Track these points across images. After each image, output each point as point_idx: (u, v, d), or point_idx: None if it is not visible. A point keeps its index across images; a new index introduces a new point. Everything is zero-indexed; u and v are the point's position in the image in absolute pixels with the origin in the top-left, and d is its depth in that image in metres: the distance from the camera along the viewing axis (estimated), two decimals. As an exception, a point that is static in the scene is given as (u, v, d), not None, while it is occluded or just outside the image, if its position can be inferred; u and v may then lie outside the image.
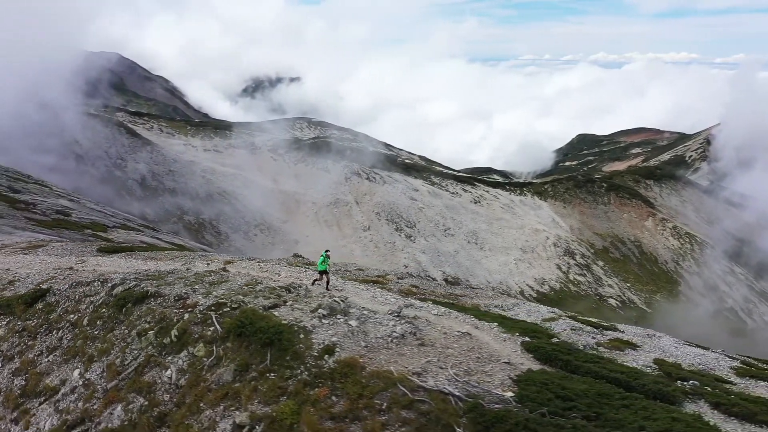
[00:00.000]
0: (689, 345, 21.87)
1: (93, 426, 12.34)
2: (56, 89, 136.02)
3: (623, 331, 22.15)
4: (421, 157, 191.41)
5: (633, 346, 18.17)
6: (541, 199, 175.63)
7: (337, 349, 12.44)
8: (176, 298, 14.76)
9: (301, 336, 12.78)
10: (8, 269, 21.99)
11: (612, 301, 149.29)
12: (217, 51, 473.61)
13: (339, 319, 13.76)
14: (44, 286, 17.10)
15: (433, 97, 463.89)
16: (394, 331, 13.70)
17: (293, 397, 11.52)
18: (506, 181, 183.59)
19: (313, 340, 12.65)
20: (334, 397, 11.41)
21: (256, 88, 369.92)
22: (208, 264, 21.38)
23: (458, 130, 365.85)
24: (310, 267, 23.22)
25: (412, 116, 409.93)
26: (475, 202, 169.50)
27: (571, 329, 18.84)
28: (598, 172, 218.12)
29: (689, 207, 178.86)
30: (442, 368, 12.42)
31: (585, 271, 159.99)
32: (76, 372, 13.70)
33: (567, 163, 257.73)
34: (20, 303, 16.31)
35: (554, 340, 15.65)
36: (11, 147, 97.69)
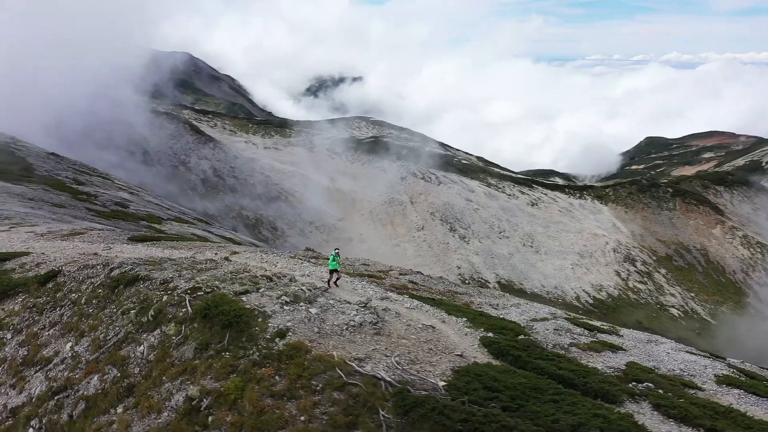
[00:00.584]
0: (690, 353, 21.52)
1: (73, 393, 13.74)
2: (126, 88, 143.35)
3: (621, 335, 22.01)
4: (479, 158, 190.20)
5: (615, 348, 18.16)
6: (601, 202, 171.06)
7: (290, 334, 13.34)
8: (161, 282, 16.06)
9: (260, 320, 13.76)
10: (43, 253, 24.11)
11: (674, 311, 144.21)
12: (282, 51, 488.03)
13: (301, 306, 14.65)
14: (58, 268, 18.83)
15: (496, 98, 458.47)
16: (353, 320, 14.47)
17: (241, 375, 12.50)
18: (565, 184, 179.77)
19: (269, 324, 13.60)
20: (277, 377, 12.32)
21: (319, 87, 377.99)
22: (215, 253, 22.78)
23: (520, 132, 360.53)
24: (312, 260, 24.22)
25: (474, 117, 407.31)
26: (532, 205, 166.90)
27: (555, 329, 18.99)
28: (666, 176, 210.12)
29: (762, 215, 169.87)
30: (386, 356, 13.10)
31: (646, 279, 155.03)
32: (68, 345, 15.20)
33: (634, 167, 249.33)
34: (34, 282, 18.11)
35: (521, 337, 15.96)
36: (82, 143, 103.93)
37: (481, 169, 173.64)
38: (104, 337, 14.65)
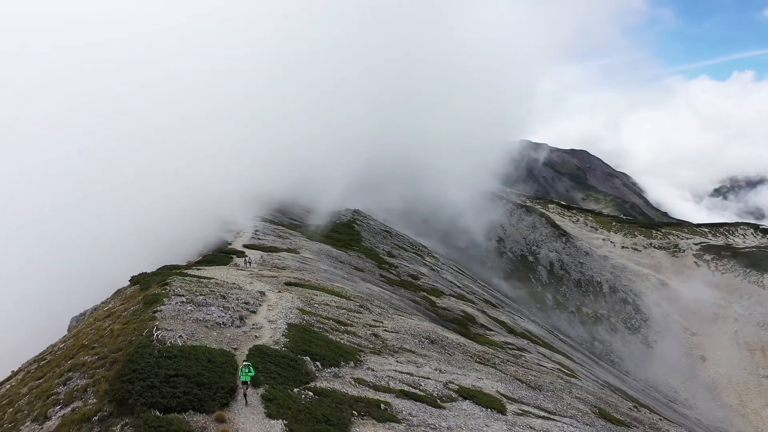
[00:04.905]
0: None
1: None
2: (496, 182, 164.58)
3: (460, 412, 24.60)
4: None
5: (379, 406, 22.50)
6: None
7: (159, 312, 24.52)
8: (170, 287, 29.16)
9: (159, 304, 25.38)
10: (225, 280, 39.87)
11: None
12: (692, 148, 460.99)
13: (188, 305, 25.56)
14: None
15: None
16: (207, 317, 24.67)
17: (125, 323, 24.40)
18: None
19: (160, 306, 25.07)
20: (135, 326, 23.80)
21: (730, 188, 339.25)
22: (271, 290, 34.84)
23: None
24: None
25: None
26: None
27: (401, 380, 24.19)
28: None
29: None
30: (184, 331, 22.99)
31: None
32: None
33: None
34: (155, 285, 33.33)
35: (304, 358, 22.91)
36: (446, 229, 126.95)
37: None
38: (126, 306, 28.58)
